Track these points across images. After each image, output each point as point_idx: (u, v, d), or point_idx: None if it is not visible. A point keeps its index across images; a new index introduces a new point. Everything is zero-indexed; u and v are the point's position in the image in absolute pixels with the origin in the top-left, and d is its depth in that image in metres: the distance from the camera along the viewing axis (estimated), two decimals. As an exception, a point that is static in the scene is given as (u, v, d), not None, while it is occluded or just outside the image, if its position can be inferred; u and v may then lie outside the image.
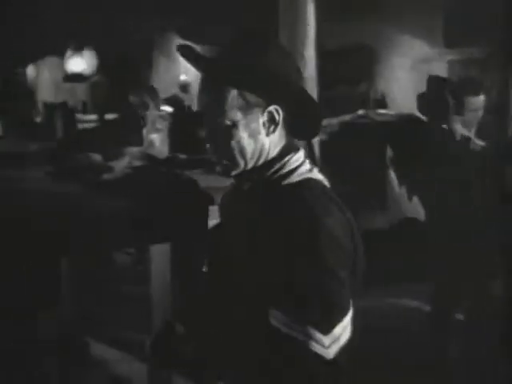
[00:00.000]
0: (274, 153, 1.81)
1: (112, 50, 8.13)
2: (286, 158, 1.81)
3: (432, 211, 4.42)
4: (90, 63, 8.46)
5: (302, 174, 1.80)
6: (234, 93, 1.73)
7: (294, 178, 1.79)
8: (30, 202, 3.38)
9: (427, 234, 4.45)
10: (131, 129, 4.59)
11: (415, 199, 5.38)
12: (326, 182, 1.84)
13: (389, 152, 5.88)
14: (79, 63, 8.47)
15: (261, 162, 1.80)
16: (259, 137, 1.78)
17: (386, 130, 6.09)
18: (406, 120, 6.12)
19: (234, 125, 1.73)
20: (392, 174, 5.92)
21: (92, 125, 6.82)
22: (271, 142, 1.80)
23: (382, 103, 7.66)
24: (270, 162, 1.80)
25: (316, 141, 4.24)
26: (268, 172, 1.80)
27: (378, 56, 8.28)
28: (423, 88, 5.88)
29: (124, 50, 7.74)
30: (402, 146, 5.61)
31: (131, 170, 3.92)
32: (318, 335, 1.59)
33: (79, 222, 3.27)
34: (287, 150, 1.83)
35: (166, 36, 8.52)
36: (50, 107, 10.31)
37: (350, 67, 8.05)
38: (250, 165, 1.80)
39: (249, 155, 1.78)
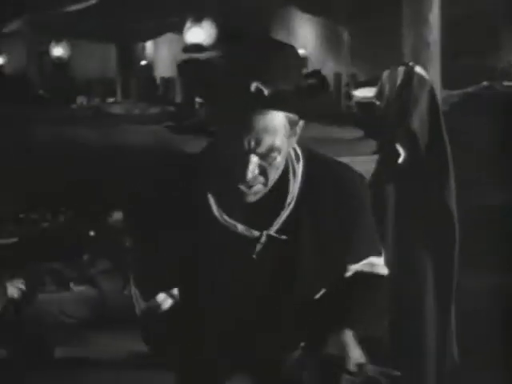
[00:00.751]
0: None
1: (230, 22, 8.18)
2: None
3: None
4: (209, 34, 8.55)
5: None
6: (283, 120, 1.58)
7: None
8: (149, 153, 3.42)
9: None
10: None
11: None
12: None
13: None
14: (198, 34, 8.56)
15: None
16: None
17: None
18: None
19: (279, 153, 1.60)
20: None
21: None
22: None
23: (508, 74, 7.36)
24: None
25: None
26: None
27: (505, 25, 7.97)
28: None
29: (242, 23, 7.77)
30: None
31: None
32: (379, 260, 1.86)
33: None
34: None
35: (286, 9, 8.49)
36: (167, 82, 10.54)
37: (474, 36, 7.79)
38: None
39: (278, 176, 1.68)
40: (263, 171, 1.61)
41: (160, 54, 13.68)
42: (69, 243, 5.26)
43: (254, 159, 1.58)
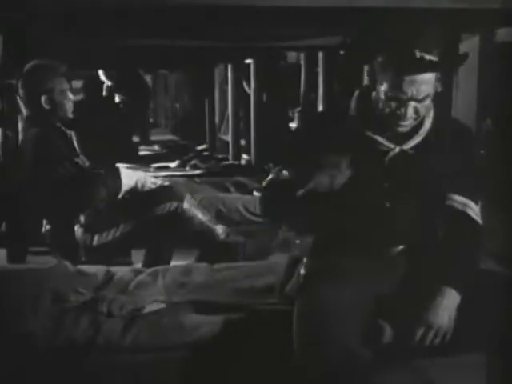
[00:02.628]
0: None
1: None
2: None
3: None
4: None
5: None
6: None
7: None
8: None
9: None
10: None
11: None
12: None
13: None
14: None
15: None
16: None
17: None
18: None
19: (430, 97, 2.19)
20: None
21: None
22: None
23: None
24: None
25: None
26: None
27: None
28: None
29: None
30: None
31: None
32: (475, 206, 2.27)
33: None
34: None
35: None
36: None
37: None
38: None
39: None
40: (417, 111, 2.14)
41: None
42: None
43: (413, 103, 2.11)
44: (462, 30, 2.91)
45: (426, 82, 2.10)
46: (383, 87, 2.12)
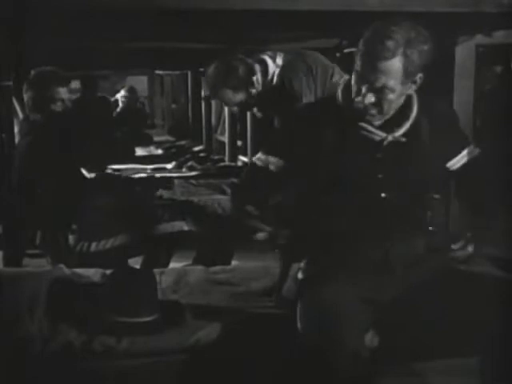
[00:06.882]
0: None
1: None
2: None
3: None
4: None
5: None
6: (399, 69, 2.13)
7: None
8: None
9: None
10: None
11: None
12: None
13: None
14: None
15: None
16: None
17: None
18: None
19: (392, 92, 2.18)
20: None
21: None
22: None
23: None
24: None
25: None
26: None
27: None
28: None
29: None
30: None
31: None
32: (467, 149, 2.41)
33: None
34: None
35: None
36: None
37: None
38: None
39: (397, 107, 2.30)
40: (378, 102, 2.14)
41: None
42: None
43: (368, 93, 2.11)
44: (459, 33, 2.91)
45: (385, 73, 2.09)
46: (354, 74, 2.15)
